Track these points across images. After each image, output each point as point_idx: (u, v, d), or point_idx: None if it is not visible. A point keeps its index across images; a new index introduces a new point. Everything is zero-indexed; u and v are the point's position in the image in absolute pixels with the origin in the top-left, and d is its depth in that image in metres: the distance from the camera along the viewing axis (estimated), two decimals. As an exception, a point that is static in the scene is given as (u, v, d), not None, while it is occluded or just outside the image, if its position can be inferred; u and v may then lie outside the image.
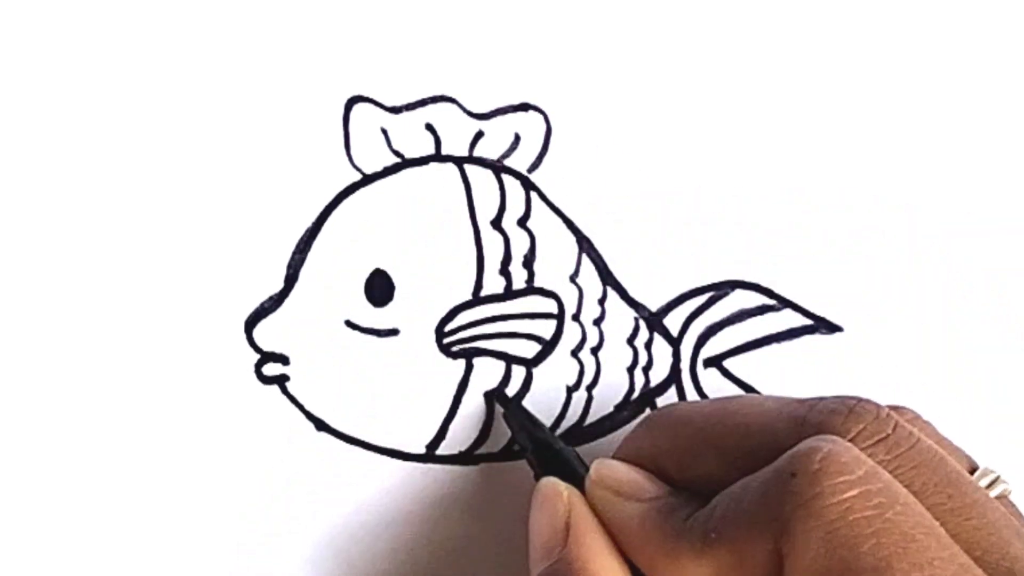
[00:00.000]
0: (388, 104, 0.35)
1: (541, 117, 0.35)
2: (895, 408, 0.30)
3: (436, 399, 0.35)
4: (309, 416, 0.35)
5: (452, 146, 0.35)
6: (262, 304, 0.35)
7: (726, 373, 0.36)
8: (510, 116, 0.35)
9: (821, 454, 0.27)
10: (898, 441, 0.29)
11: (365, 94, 0.35)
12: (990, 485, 0.30)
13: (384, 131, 0.35)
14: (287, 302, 0.35)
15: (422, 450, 0.35)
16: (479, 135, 0.35)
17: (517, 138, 0.35)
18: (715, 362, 0.36)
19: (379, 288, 0.35)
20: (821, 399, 0.30)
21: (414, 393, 0.35)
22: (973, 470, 0.30)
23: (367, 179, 0.35)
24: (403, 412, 0.35)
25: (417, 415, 0.35)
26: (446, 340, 0.35)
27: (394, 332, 0.35)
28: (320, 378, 0.35)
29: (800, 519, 0.27)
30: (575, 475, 0.32)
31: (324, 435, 0.35)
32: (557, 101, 0.35)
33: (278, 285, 0.35)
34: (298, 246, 0.35)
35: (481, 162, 0.35)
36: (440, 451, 0.35)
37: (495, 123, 0.35)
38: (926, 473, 0.29)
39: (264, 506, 0.35)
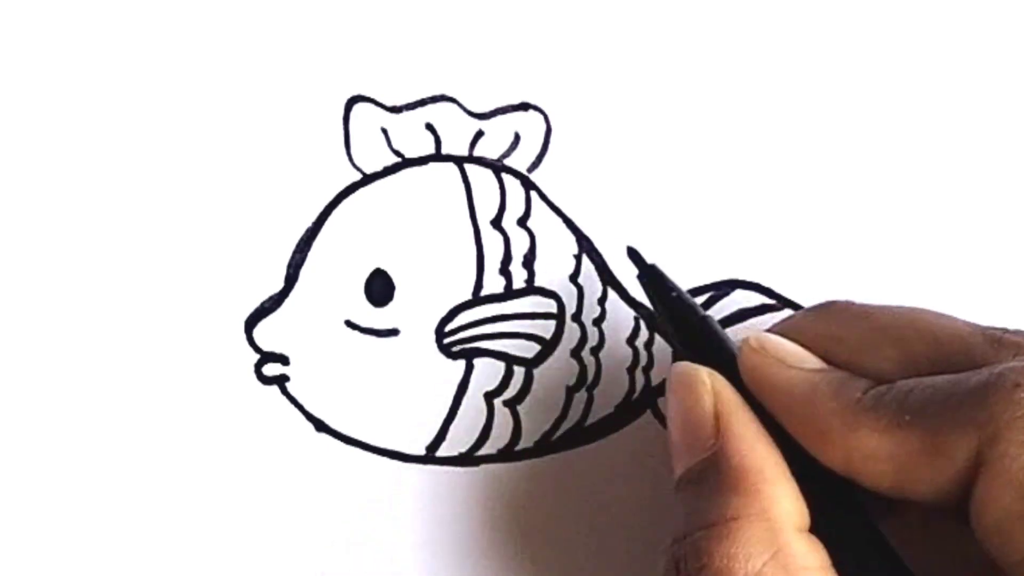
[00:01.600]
0: (388, 104, 0.35)
1: (541, 117, 0.35)
2: None
3: (436, 399, 0.35)
4: (309, 416, 0.35)
5: (452, 146, 0.35)
6: (262, 304, 0.35)
7: (726, 373, 0.36)
8: (510, 116, 0.35)
9: None
10: None
11: (365, 94, 0.35)
12: None
13: (384, 131, 0.35)
14: (287, 302, 0.35)
15: (422, 451, 0.35)
16: (479, 135, 0.35)
17: (517, 138, 0.35)
18: (715, 362, 0.36)
19: (379, 288, 0.35)
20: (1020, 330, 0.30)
21: (414, 393, 0.35)
22: None
23: (367, 179, 0.35)
24: (403, 413, 0.35)
25: (417, 416, 0.35)
26: (446, 340, 0.35)
27: (394, 332, 0.35)
28: (320, 378, 0.35)
29: (1017, 429, 0.26)
30: (720, 352, 0.31)
31: (324, 436, 0.35)
32: (557, 101, 0.35)
33: (278, 285, 0.35)
34: (298, 246, 0.35)
35: (481, 162, 0.35)
36: (440, 452, 0.35)
37: (495, 123, 0.35)
38: None
39: (264, 506, 0.35)
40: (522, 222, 0.35)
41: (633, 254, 0.34)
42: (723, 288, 0.36)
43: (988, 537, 0.27)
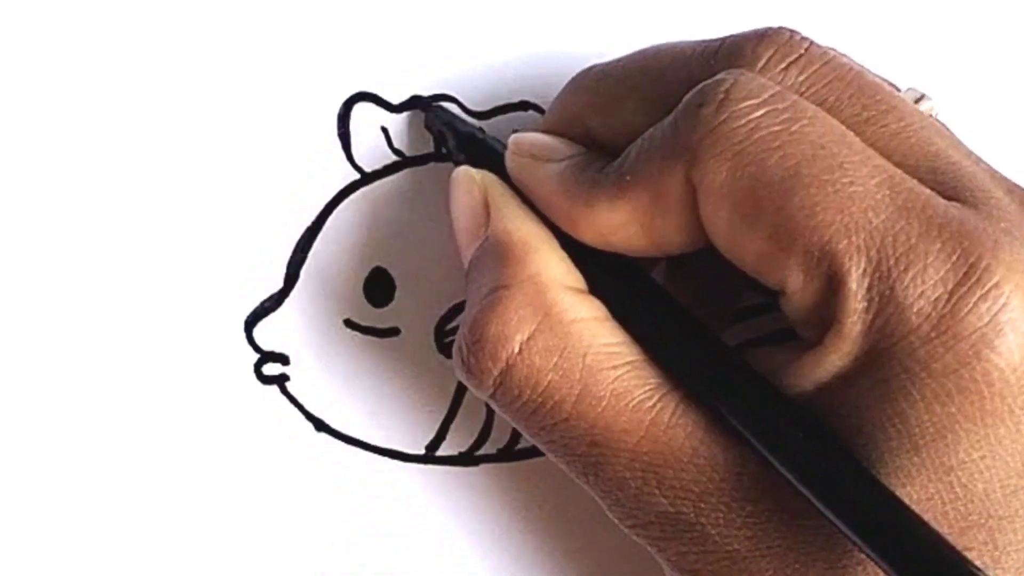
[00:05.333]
0: (389, 102, 0.35)
1: (541, 116, 0.35)
2: None
3: (436, 399, 0.35)
4: (309, 416, 0.35)
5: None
6: (262, 304, 0.35)
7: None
8: (510, 115, 0.35)
9: (727, 84, 0.27)
10: (811, 60, 0.29)
11: (366, 92, 0.35)
12: (916, 102, 0.30)
13: (384, 130, 0.35)
14: (287, 302, 0.35)
15: (422, 451, 0.35)
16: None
17: (517, 137, 0.35)
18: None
19: (379, 288, 0.35)
20: (734, 33, 0.30)
21: (414, 393, 0.35)
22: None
23: (367, 178, 0.35)
24: (403, 412, 0.35)
25: (417, 415, 0.35)
26: (446, 340, 0.35)
27: (394, 332, 0.35)
28: (320, 378, 0.35)
29: (708, 146, 0.27)
30: (494, 160, 0.32)
31: (324, 435, 0.35)
32: (557, 100, 0.35)
33: (278, 285, 0.35)
34: (298, 246, 0.35)
35: (481, 161, 0.35)
36: (440, 452, 0.35)
37: (496, 122, 0.35)
38: (840, 87, 0.29)
39: (264, 506, 0.35)
40: (522, 222, 0.35)
41: (418, 101, 0.35)
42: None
43: (729, 255, 0.28)
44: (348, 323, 0.35)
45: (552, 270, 0.30)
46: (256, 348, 0.35)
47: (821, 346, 0.27)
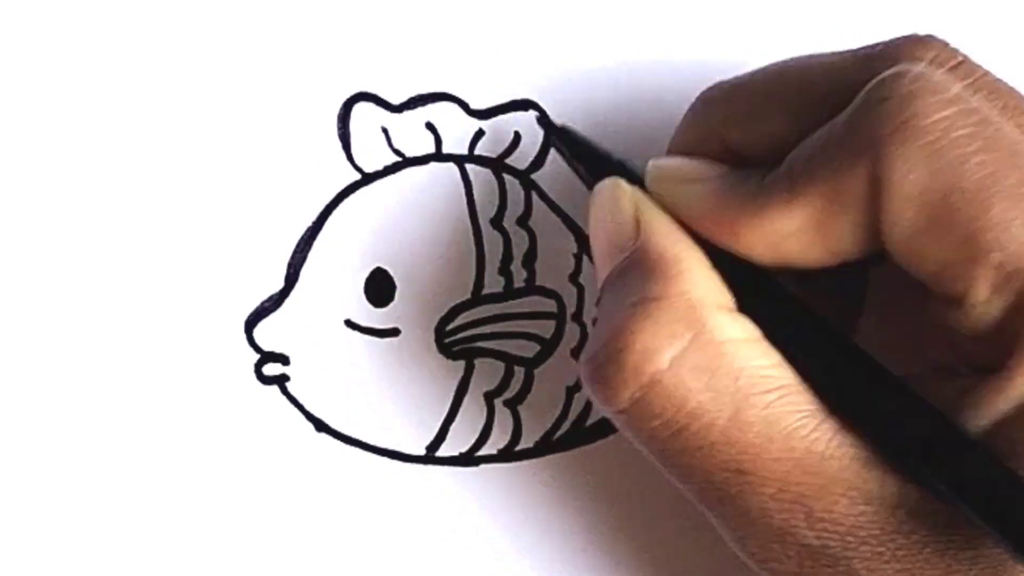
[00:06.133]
0: (389, 102, 0.35)
1: (541, 116, 0.35)
2: None
3: (436, 399, 0.35)
4: (309, 416, 0.35)
5: (453, 145, 0.35)
6: (262, 304, 0.35)
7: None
8: (510, 115, 0.35)
9: (912, 74, 0.26)
10: (972, 68, 0.28)
11: (366, 92, 0.35)
12: None
13: (384, 130, 0.35)
14: (287, 302, 0.35)
15: (422, 451, 0.35)
16: (479, 134, 0.35)
17: (517, 137, 0.35)
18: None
19: (379, 288, 0.35)
20: (884, 40, 0.29)
21: (414, 393, 0.35)
22: None
23: (367, 178, 0.35)
24: (403, 412, 0.35)
25: (417, 416, 0.35)
26: (446, 340, 0.35)
27: (394, 332, 0.35)
28: (320, 378, 0.35)
29: (898, 141, 0.26)
30: (636, 183, 0.31)
31: (324, 436, 0.35)
32: (557, 100, 0.35)
33: (278, 285, 0.35)
34: (298, 246, 0.35)
35: (481, 161, 0.35)
36: (440, 452, 0.35)
37: (496, 122, 0.35)
38: (1003, 98, 0.28)
39: (264, 506, 0.35)
40: (522, 222, 0.35)
41: (542, 119, 0.34)
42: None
43: (904, 259, 0.27)
44: (348, 323, 0.35)
45: (704, 288, 0.28)
46: (256, 348, 0.35)
47: (1006, 370, 0.26)
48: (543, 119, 0.35)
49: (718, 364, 0.27)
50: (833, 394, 0.27)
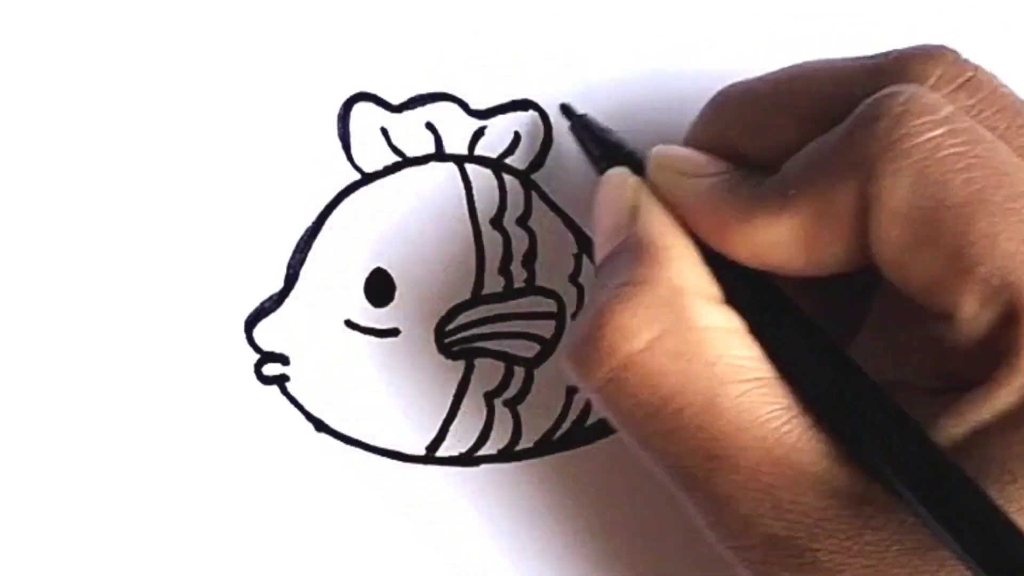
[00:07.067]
0: (388, 103, 0.35)
1: (541, 117, 0.35)
2: None
3: (436, 399, 0.35)
4: (309, 416, 0.35)
5: (452, 145, 0.35)
6: (262, 304, 0.35)
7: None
8: (510, 115, 0.35)
9: (904, 96, 0.27)
10: (980, 84, 0.28)
11: (365, 92, 0.35)
12: None
13: (384, 130, 0.35)
14: (287, 302, 0.35)
15: (422, 451, 0.35)
16: (479, 134, 0.35)
17: (517, 137, 0.35)
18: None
19: (379, 288, 0.35)
20: (896, 49, 0.29)
21: (414, 393, 0.35)
22: None
23: (367, 178, 0.35)
24: (403, 413, 0.35)
25: (417, 416, 0.35)
26: (446, 340, 0.35)
27: (394, 332, 0.35)
28: (320, 378, 0.35)
29: (888, 160, 0.26)
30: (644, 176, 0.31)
31: (323, 436, 0.35)
32: (557, 100, 0.35)
33: (278, 285, 0.35)
34: (298, 246, 0.35)
35: (481, 161, 0.35)
36: (440, 452, 0.35)
37: (496, 122, 0.35)
38: (1010, 116, 0.28)
39: (264, 506, 0.35)
40: (522, 222, 0.35)
41: (565, 108, 0.35)
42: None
43: (894, 275, 0.27)
44: (348, 323, 0.35)
45: (690, 277, 0.28)
46: (256, 348, 0.35)
47: (991, 382, 0.26)
48: (565, 107, 0.35)
49: (696, 350, 0.27)
50: (811, 391, 0.28)
